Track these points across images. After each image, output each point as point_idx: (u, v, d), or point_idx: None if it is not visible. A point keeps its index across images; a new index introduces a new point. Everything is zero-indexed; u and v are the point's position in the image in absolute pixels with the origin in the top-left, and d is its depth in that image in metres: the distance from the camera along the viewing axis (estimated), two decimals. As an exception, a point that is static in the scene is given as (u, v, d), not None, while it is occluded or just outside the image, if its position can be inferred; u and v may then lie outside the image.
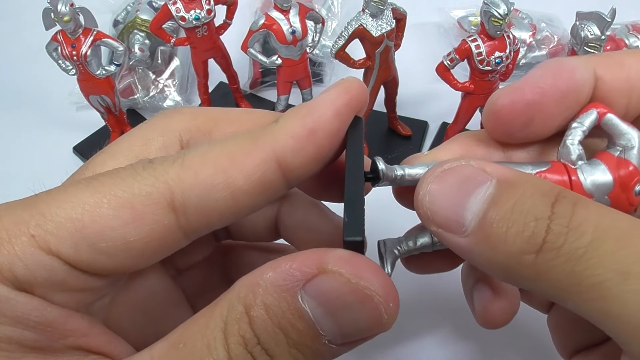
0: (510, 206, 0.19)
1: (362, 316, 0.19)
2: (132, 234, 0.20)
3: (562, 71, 0.23)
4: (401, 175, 0.24)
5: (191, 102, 0.68)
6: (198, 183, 0.21)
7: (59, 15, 0.50)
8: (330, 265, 0.19)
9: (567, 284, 0.18)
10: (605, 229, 0.18)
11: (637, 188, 0.23)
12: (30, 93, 0.72)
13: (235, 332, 0.19)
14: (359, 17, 0.51)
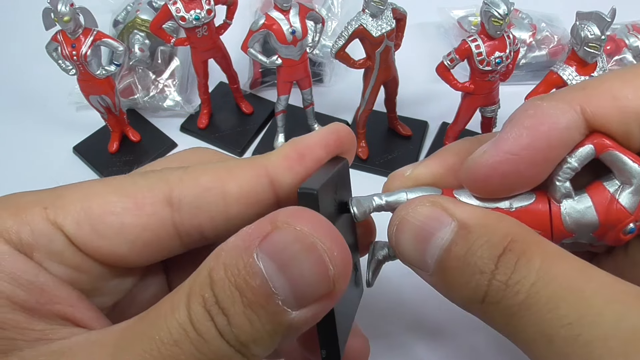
0: (462, 255, 0.21)
1: (308, 268, 0.19)
2: (129, 219, 0.23)
3: (540, 125, 0.22)
4: (380, 205, 0.26)
5: (191, 102, 0.68)
6: (196, 185, 0.24)
7: (59, 15, 0.50)
8: (280, 220, 0.20)
9: (506, 333, 0.20)
10: (539, 289, 0.19)
11: (627, 228, 0.23)
12: (30, 93, 0.71)
13: (197, 293, 0.19)
14: (359, 17, 0.51)
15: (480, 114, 0.56)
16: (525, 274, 0.20)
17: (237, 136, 0.64)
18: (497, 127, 0.57)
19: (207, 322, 0.19)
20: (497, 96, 0.54)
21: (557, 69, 0.45)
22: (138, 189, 0.24)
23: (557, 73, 0.44)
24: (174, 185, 0.24)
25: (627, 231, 0.23)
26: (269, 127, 0.65)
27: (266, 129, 0.65)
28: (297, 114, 0.62)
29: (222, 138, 0.64)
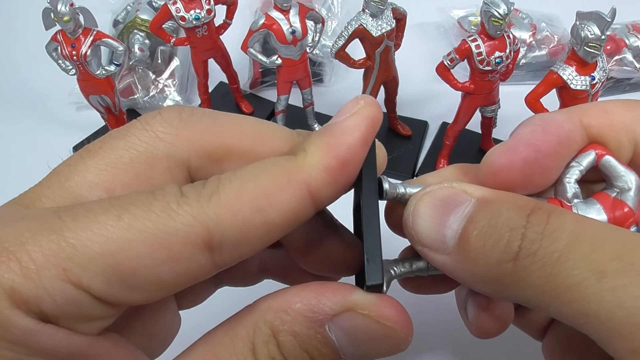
0: (487, 221, 0.21)
1: (383, 346, 0.21)
2: (167, 272, 0.20)
3: (550, 126, 0.24)
4: (402, 193, 0.25)
5: (191, 102, 0.68)
6: (237, 223, 0.21)
7: (58, 15, 0.50)
8: (360, 309, 0.20)
9: (546, 288, 0.19)
10: (579, 233, 0.19)
11: (632, 229, 0.24)
12: (30, 93, 0.71)
13: (265, 353, 0.20)
14: (359, 17, 0.51)
15: (480, 113, 0.56)
16: (560, 224, 0.20)
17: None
18: (497, 127, 0.58)
19: None
20: (497, 96, 0.54)
21: (557, 69, 0.44)
22: (171, 236, 0.20)
23: (557, 73, 0.44)
24: (212, 226, 0.20)
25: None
26: (269, 127, 0.65)
27: (266, 129, 0.65)
28: (297, 114, 0.62)
29: (222, 138, 0.64)
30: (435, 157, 0.59)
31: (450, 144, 0.57)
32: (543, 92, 0.46)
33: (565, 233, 0.19)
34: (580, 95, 0.45)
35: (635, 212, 0.24)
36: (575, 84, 0.44)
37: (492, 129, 0.58)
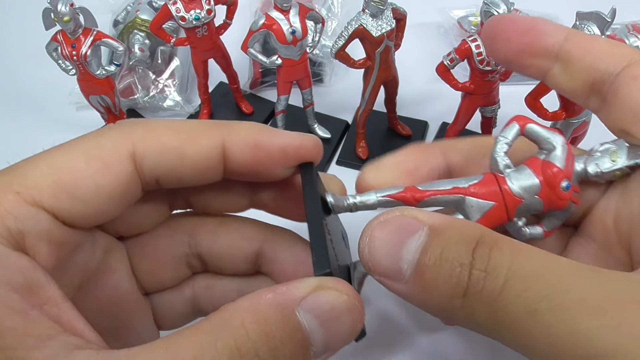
0: (439, 254, 0.22)
1: (346, 325, 0.22)
2: (102, 180, 0.25)
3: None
4: (353, 203, 0.28)
5: (191, 102, 0.68)
6: (157, 144, 0.26)
7: (59, 15, 0.50)
8: (324, 285, 0.22)
9: (490, 323, 0.21)
10: (515, 271, 0.21)
11: (562, 184, 0.26)
12: (30, 93, 0.71)
13: (230, 344, 0.20)
14: (359, 17, 0.51)
15: (480, 113, 0.56)
16: (500, 260, 0.21)
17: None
18: (497, 127, 0.58)
19: None
20: (497, 96, 0.54)
21: (557, 69, 0.44)
22: (103, 150, 0.25)
23: (557, 73, 0.44)
24: (137, 142, 0.26)
25: (563, 188, 0.26)
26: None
27: (266, 129, 0.65)
28: (297, 114, 0.62)
29: (222, 138, 0.64)
30: (435, 157, 0.59)
31: (450, 144, 0.57)
32: (543, 92, 0.46)
33: (504, 270, 0.21)
34: (580, 95, 0.45)
35: (564, 169, 0.27)
36: (575, 84, 0.44)
37: (492, 129, 0.58)
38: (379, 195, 0.28)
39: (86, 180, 0.24)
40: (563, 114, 0.47)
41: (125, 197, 0.26)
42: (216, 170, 0.28)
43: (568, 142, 0.28)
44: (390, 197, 0.28)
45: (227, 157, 0.27)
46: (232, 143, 0.27)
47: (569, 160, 0.27)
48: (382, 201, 0.28)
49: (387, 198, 0.28)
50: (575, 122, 0.48)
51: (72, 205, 0.24)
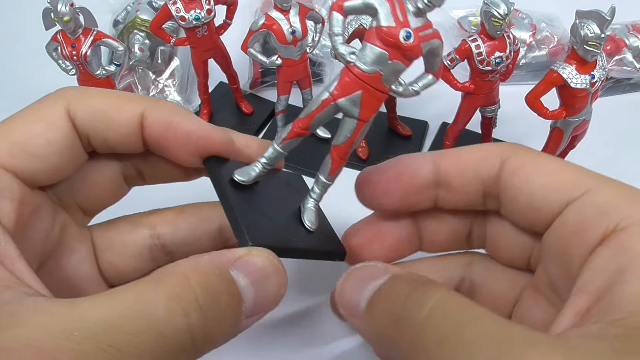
0: (388, 290, 0.26)
1: (272, 286, 0.26)
2: (50, 135, 0.28)
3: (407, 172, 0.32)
4: (262, 166, 0.31)
5: (191, 102, 0.68)
6: (88, 105, 0.29)
7: (59, 15, 0.50)
8: (255, 252, 0.26)
9: (411, 347, 0.23)
10: (437, 307, 0.23)
11: (402, 37, 0.27)
12: (30, 93, 0.71)
13: (173, 291, 0.22)
14: (358, 18, 0.51)
15: (480, 114, 0.56)
16: (430, 297, 0.24)
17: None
18: (497, 127, 0.58)
19: (181, 317, 0.22)
20: (497, 96, 0.54)
21: (557, 68, 0.45)
22: (45, 111, 0.29)
23: (557, 72, 0.44)
24: (70, 102, 0.29)
25: (405, 38, 0.27)
26: (269, 127, 0.65)
27: (266, 129, 0.65)
28: (297, 114, 0.60)
29: (222, 138, 0.64)
30: (435, 157, 0.59)
31: (450, 144, 0.57)
32: (543, 91, 0.46)
33: (430, 304, 0.23)
34: (580, 94, 0.45)
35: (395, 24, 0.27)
36: (575, 82, 0.44)
37: (492, 129, 0.58)
38: (276, 144, 0.31)
39: (37, 137, 0.28)
40: (563, 113, 0.47)
41: (73, 152, 0.30)
42: (136, 138, 0.31)
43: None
44: (286, 140, 0.31)
45: (144, 127, 0.30)
46: (150, 116, 0.30)
47: (396, 12, 0.27)
48: (282, 147, 0.31)
49: (285, 142, 0.31)
50: (576, 121, 0.48)
51: (28, 161, 0.27)
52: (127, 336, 0.21)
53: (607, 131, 0.61)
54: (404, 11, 0.27)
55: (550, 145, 0.51)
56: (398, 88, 0.30)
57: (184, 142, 0.30)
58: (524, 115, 0.49)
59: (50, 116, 0.29)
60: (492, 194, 0.30)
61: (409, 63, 0.28)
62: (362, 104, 0.28)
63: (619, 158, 0.59)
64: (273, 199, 0.33)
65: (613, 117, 0.64)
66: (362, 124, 0.29)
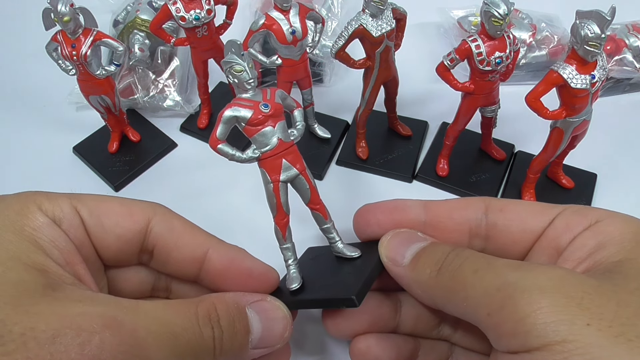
0: (432, 249, 0.35)
1: (278, 327, 0.35)
2: (122, 221, 0.35)
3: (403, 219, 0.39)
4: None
5: (191, 102, 0.68)
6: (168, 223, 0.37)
7: (58, 16, 0.50)
8: (269, 299, 0.36)
9: (450, 283, 0.32)
10: (471, 255, 0.32)
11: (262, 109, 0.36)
12: (30, 93, 0.71)
13: (204, 310, 0.32)
14: (359, 17, 0.51)
15: (480, 113, 0.56)
16: (462, 251, 0.33)
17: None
18: (497, 127, 0.58)
19: (209, 329, 0.31)
20: (497, 96, 0.54)
21: (558, 68, 0.44)
22: (134, 205, 0.36)
23: (557, 72, 0.44)
24: (157, 214, 0.36)
25: (264, 107, 0.36)
26: (269, 127, 0.64)
27: (266, 129, 0.65)
28: None
29: (222, 138, 0.64)
30: (435, 157, 0.59)
31: (450, 144, 0.57)
32: (543, 91, 0.46)
33: (466, 254, 0.33)
34: (580, 94, 0.45)
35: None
36: (576, 82, 0.44)
37: (492, 129, 0.58)
38: (283, 246, 0.39)
39: (113, 215, 0.35)
40: (563, 113, 0.47)
41: (127, 246, 0.35)
42: (195, 265, 0.37)
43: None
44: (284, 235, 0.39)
45: (207, 258, 0.37)
46: (216, 250, 0.37)
47: (245, 105, 0.36)
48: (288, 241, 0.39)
49: (286, 237, 0.39)
50: (576, 121, 0.48)
51: (96, 224, 0.34)
52: (180, 330, 0.30)
53: (607, 131, 0.61)
54: (246, 99, 0.36)
55: (550, 145, 0.51)
56: (294, 135, 0.38)
57: (246, 277, 0.37)
58: (524, 115, 0.49)
59: (135, 211, 0.35)
60: (479, 233, 0.37)
61: (282, 117, 0.37)
62: (291, 163, 0.37)
63: (619, 158, 0.60)
64: (316, 273, 0.41)
65: (613, 117, 0.64)
66: (305, 172, 0.37)
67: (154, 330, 0.28)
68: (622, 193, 0.56)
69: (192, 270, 0.37)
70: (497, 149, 0.59)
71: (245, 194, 0.57)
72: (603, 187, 0.56)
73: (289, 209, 0.38)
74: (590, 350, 0.24)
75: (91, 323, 0.26)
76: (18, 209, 0.31)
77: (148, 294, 0.40)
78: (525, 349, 0.26)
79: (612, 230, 0.31)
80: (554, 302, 0.26)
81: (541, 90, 0.46)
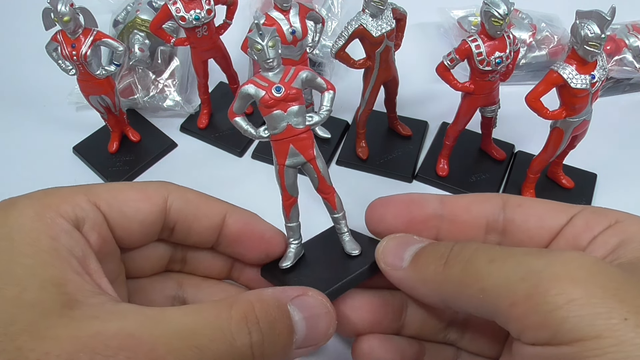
0: (432, 247, 0.33)
1: (323, 324, 0.32)
2: (142, 205, 0.34)
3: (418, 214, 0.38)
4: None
5: (191, 102, 0.68)
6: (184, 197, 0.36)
7: (58, 15, 0.50)
8: (311, 293, 0.32)
9: (461, 276, 0.30)
10: (479, 247, 0.31)
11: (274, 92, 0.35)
12: (30, 93, 0.71)
13: (240, 313, 0.28)
14: (359, 17, 0.51)
15: (480, 113, 0.56)
16: (468, 244, 0.31)
17: (237, 136, 0.64)
18: (497, 127, 0.58)
19: (244, 335, 0.28)
20: (497, 96, 0.54)
21: (558, 68, 0.44)
22: (148, 187, 0.35)
23: (557, 72, 0.44)
24: (171, 191, 0.36)
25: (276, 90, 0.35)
26: (269, 127, 0.64)
27: (266, 129, 0.65)
28: None
29: (222, 138, 0.64)
30: (435, 157, 0.59)
31: (450, 144, 0.57)
32: (543, 91, 0.46)
33: (474, 245, 0.31)
34: (580, 94, 0.45)
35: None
36: (576, 82, 0.44)
37: (492, 129, 0.58)
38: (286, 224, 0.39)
39: (132, 202, 0.34)
40: (563, 113, 0.47)
41: (151, 228, 0.35)
42: (214, 232, 0.37)
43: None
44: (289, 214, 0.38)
45: (225, 225, 0.37)
46: (232, 215, 0.37)
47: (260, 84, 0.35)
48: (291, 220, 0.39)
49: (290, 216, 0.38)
50: (576, 121, 0.48)
51: (118, 215, 0.33)
52: (207, 341, 0.26)
53: (607, 131, 0.61)
54: (264, 78, 0.35)
55: (550, 145, 0.51)
56: (313, 118, 0.36)
57: (259, 241, 0.38)
58: (524, 115, 0.49)
59: (151, 193, 0.35)
60: (497, 228, 0.36)
61: (296, 102, 0.35)
62: (299, 150, 0.36)
63: (619, 158, 0.60)
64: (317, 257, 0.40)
65: (613, 117, 0.64)
66: (314, 161, 0.36)
67: (176, 347, 0.26)
68: (622, 193, 0.56)
69: (211, 238, 0.37)
70: (497, 149, 0.59)
71: (246, 194, 0.57)
72: (603, 187, 0.56)
73: (295, 192, 0.38)
74: (626, 348, 0.23)
75: (106, 344, 0.24)
76: (33, 215, 0.29)
77: (164, 268, 0.40)
78: (555, 342, 0.25)
79: (634, 229, 0.31)
80: (589, 294, 0.24)
81: (541, 90, 0.46)
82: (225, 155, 0.63)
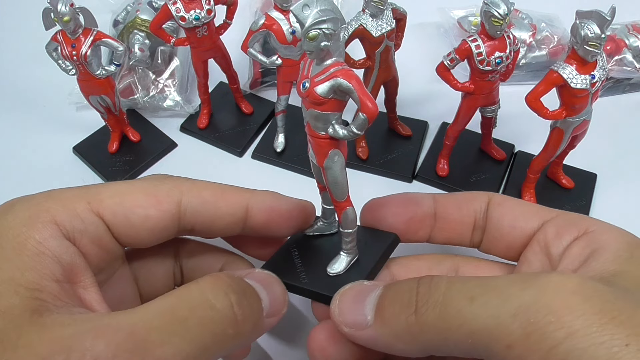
0: (393, 293, 0.30)
1: (278, 291, 0.33)
2: (152, 212, 0.32)
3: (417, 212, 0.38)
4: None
5: (191, 102, 0.68)
6: (199, 196, 0.34)
7: (58, 15, 0.50)
8: (256, 270, 0.35)
9: (440, 322, 0.27)
10: (452, 280, 0.28)
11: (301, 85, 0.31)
12: (30, 93, 0.71)
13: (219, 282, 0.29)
14: (359, 17, 0.51)
15: (480, 114, 0.56)
16: (439, 279, 0.28)
17: (237, 136, 0.64)
18: (497, 127, 0.58)
19: (223, 297, 0.28)
20: (497, 96, 0.54)
21: (557, 68, 0.44)
22: (159, 190, 0.33)
23: (557, 72, 0.44)
24: (185, 192, 0.33)
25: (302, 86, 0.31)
26: (269, 127, 0.64)
27: (266, 129, 0.65)
28: (297, 114, 0.61)
29: (222, 138, 0.64)
30: (435, 157, 0.59)
31: (450, 144, 0.57)
32: (543, 91, 0.46)
33: (444, 282, 0.28)
34: (580, 94, 0.45)
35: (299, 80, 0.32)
36: (576, 82, 0.44)
37: (492, 129, 0.58)
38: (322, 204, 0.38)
39: (140, 208, 0.32)
40: (563, 113, 0.47)
41: (162, 234, 0.33)
42: (237, 225, 0.36)
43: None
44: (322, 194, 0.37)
45: (249, 216, 0.35)
46: (255, 206, 0.35)
47: (304, 68, 0.31)
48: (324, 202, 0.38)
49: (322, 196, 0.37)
50: (576, 121, 0.48)
51: (124, 225, 0.31)
52: (187, 312, 0.26)
53: (607, 131, 0.61)
54: (310, 66, 0.31)
55: (550, 145, 0.51)
56: (332, 131, 0.32)
57: (287, 219, 0.37)
58: (524, 115, 0.49)
59: (162, 197, 0.33)
60: (481, 225, 0.37)
61: (318, 107, 0.31)
62: (314, 151, 0.33)
63: (619, 158, 0.60)
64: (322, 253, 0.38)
65: (613, 117, 0.64)
66: (324, 170, 0.33)
67: (157, 325, 0.25)
68: (622, 193, 0.56)
69: (236, 230, 0.36)
70: (497, 149, 0.59)
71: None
72: (603, 187, 0.56)
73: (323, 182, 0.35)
74: None
75: (82, 341, 0.24)
76: (25, 219, 0.28)
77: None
78: None
79: (604, 239, 0.30)
80: (588, 323, 0.23)
81: (541, 90, 0.46)
82: (225, 155, 0.63)
